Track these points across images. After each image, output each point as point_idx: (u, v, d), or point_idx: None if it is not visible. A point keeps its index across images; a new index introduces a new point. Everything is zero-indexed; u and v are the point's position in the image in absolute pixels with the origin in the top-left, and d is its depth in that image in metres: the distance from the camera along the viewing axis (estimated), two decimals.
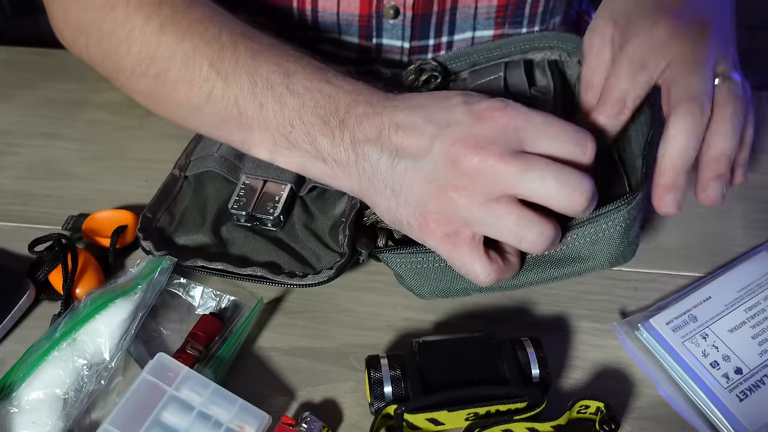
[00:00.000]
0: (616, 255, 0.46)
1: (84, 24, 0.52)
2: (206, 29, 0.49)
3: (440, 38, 0.65)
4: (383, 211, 0.45)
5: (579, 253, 0.46)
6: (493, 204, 0.41)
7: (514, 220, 0.41)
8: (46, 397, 0.43)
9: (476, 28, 0.65)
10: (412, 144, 0.43)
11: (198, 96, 0.48)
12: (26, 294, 0.49)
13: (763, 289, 0.49)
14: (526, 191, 0.41)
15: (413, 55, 0.66)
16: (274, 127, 0.47)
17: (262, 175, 0.54)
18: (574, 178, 0.41)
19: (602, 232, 0.45)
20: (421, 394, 0.42)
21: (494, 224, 0.41)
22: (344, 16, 0.63)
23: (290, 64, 0.47)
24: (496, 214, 0.41)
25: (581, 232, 0.45)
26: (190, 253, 0.51)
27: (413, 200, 0.43)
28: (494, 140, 0.41)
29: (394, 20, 0.63)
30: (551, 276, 0.47)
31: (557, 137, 0.42)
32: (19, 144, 0.63)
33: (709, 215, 0.49)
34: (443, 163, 0.41)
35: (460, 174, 0.41)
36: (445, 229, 0.43)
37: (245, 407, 0.43)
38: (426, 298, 0.49)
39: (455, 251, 0.43)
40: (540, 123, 0.42)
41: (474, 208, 0.41)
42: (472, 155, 0.41)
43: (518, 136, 0.41)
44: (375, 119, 0.44)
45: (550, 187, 0.40)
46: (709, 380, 0.45)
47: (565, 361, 0.48)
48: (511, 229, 0.41)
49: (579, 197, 0.41)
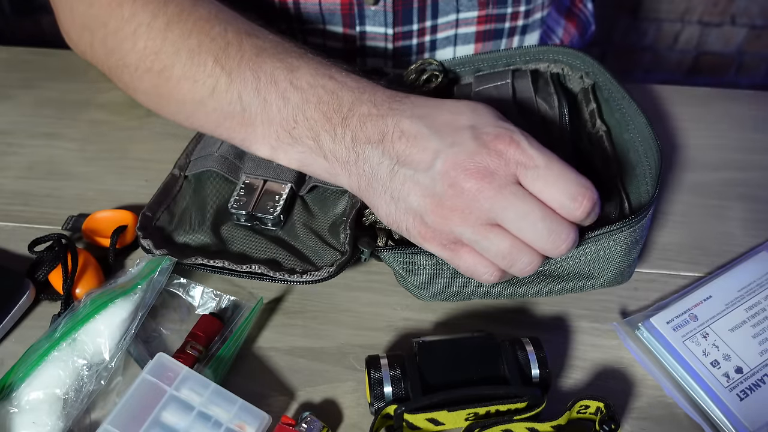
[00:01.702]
0: (615, 275, 0.47)
1: (89, 20, 0.52)
2: (212, 27, 0.49)
3: (424, 23, 0.65)
4: (382, 215, 0.46)
5: (579, 270, 0.47)
6: (487, 231, 0.42)
7: (506, 247, 0.42)
8: (46, 397, 0.43)
9: (460, 10, 0.65)
10: (414, 154, 0.43)
11: (201, 91, 0.48)
12: (26, 294, 0.49)
13: (763, 288, 0.49)
14: (516, 230, 0.42)
15: (398, 41, 0.66)
16: (277, 122, 0.47)
17: (262, 174, 0.54)
18: (563, 230, 0.42)
19: (603, 251, 0.46)
20: (421, 394, 0.42)
21: (487, 247, 0.43)
22: (326, 5, 0.63)
23: (294, 60, 0.47)
24: (489, 240, 0.42)
25: (582, 249, 0.46)
26: (190, 252, 0.51)
27: (412, 210, 0.44)
28: (494, 172, 0.42)
29: (376, 6, 0.63)
30: (551, 290, 0.48)
31: (554, 184, 0.42)
32: (20, 144, 0.63)
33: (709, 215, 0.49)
34: (442, 182, 0.42)
35: (456, 196, 0.42)
36: (442, 240, 0.44)
37: (245, 407, 0.43)
38: (426, 300, 0.49)
39: (456, 258, 0.44)
40: (541, 166, 0.42)
41: (468, 229, 0.42)
42: (470, 182, 0.41)
43: (518, 171, 0.42)
44: (379, 121, 0.44)
45: (540, 233, 0.42)
46: (710, 379, 0.45)
47: (565, 361, 0.48)
48: (504, 255, 0.42)
49: (562, 246, 0.42)
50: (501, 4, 0.65)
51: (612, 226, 0.45)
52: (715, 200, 0.58)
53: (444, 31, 0.67)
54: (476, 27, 0.67)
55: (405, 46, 0.66)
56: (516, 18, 0.67)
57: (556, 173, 0.42)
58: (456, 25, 0.66)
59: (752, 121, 0.65)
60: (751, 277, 0.50)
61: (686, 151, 0.62)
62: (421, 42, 0.67)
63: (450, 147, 0.42)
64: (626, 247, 0.46)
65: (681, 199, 0.58)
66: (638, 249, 0.48)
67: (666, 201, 0.58)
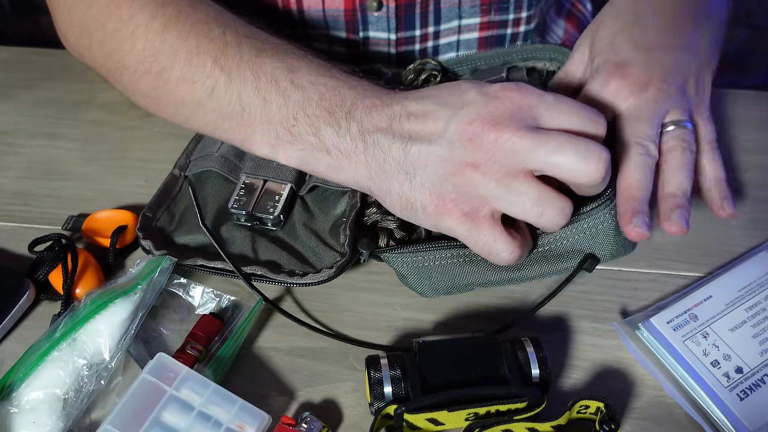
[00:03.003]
0: (616, 247, 0.47)
1: (87, 22, 0.52)
2: (210, 29, 0.49)
3: (426, 28, 0.66)
4: (395, 198, 0.45)
5: (579, 246, 0.47)
6: (512, 180, 0.41)
7: (534, 195, 0.41)
8: (46, 397, 0.43)
9: (462, 17, 0.65)
10: (426, 128, 0.43)
11: (200, 92, 0.48)
12: (26, 294, 0.49)
13: (763, 288, 0.49)
14: (545, 164, 0.41)
15: (401, 46, 0.66)
16: (277, 120, 0.47)
17: (262, 174, 0.54)
18: (592, 147, 0.41)
19: (601, 224, 0.46)
20: (421, 394, 0.42)
21: (514, 201, 0.42)
22: (330, 12, 0.63)
23: (294, 61, 0.47)
24: (515, 190, 0.41)
25: (580, 225, 0.46)
26: (190, 253, 0.51)
27: (428, 182, 0.43)
28: (510, 117, 0.41)
29: (379, 12, 0.63)
30: (552, 270, 0.48)
31: (571, 112, 0.42)
32: (20, 144, 0.63)
33: (709, 215, 0.49)
34: (460, 142, 0.42)
35: (477, 150, 0.41)
36: (463, 207, 0.43)
37: (245, 407, 0.43)
38: (429, 296, 0.49)
39: (475, 230, 0.43)
40: (552, 101, 0.43)
41: (492, 184, 0.41)
42: (490, 131, 0.41)
43: (533, 113, 0.42)
44: (385, 110, 0.45)
45: (569, 157, 0.41)
46: (710, 379, 0.45)
47: (565, 361, 0.48)
48: (533, 204, 0.41)
49: (597, 165, 0.41)
50: (503, 11, 0.66)
51: (606, 196, 0.45)
52: None
53: (447, 37, 0.67)
54: (479, 33, 0.67)
55: (408, 51, 0.67)
56: (518, 24, 0.68)
57: (568, 103, 0.43)
58: (458, 31, 0.67)
59: (753, 122, 0.65)
60: (751, 277, 0.50)
61: None
62: (423, 48, 0.67)
63: (461, 109, 0.43)
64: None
65: None
66: None
67: None
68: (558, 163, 0.41)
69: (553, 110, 0.42)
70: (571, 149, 0.41)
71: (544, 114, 0.42)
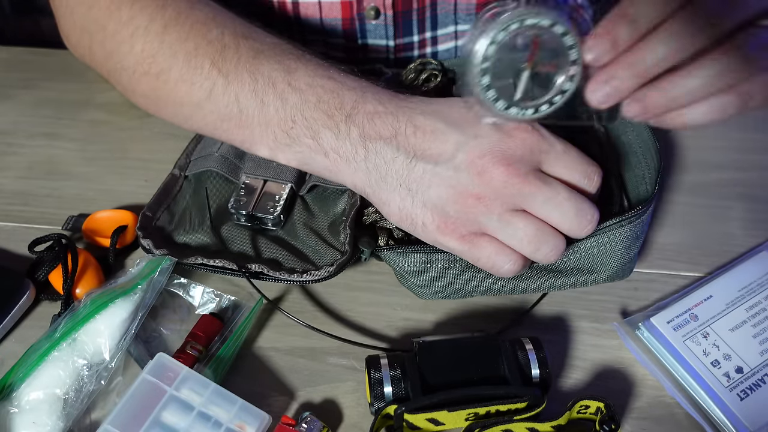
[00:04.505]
0: (616, 270, 0.47)
1: (88, 23, 0.53)
2: (209, 30, 0.49)
3: (424, 34, 0.66)
4: (393, 209, 0.45)
5: (581, 265, 0.47)
6: (511, 217, 0.43)
7: (531, 233, 0.43)
8: (46, 397, 0.43)
9: (458, 23, 0.65)
10: (433, 148, 0.43)
11: (199, 94, 0.48)
12: (26, 294, 0.49)
13: (763, 288, 0.49)
14: (543, 212, 0.43)
15: (399, 52, 0.66)
16: (275, 123, 0.47)
17: (262, 174, 0.54)
18: (587, 208, 0.44)
19: (604, 245, 0.46)
20: (421, 394, 0.42)
21: (512, 234, 0.44)
22: (327, 20, 0.63)
23: (292, 62, 0.47)
24: (514, 226, 0.43)
25: (584, 244, 0.46)
26: (190, 252, 0.51)
27: (430, 202, 0.44)
28: (520, 159, 0.43)
29: (376, 21, 0.63)
30: (552, 285, 0.48)
31: (573, 167, 0.44)
32: (20, 144, 0.63)
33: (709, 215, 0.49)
34: (467, 171, 0.43)
35: (485, 185, 0.43)
36: (463, 230, 0.44)
37: (245, 407, 0.43)
38: (427, 298, 0.49)
39: (476, 249, 0.44)
40: (560, 151, 0.44)
41: (494, 217, 0.43)
42: (500, 170, 0.42)
43: (540, 157, 0.44)
44: (389, 118, 0.45)
45: (567, 213, 0.43)
46: (710, 379, 0.45)
47: (565, 361, 0.48)
48: (529, 241, 0.43)
49: (587, 225, 0.44)
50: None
51: (613, 220, 0.46)
52: (715, 200, 0.58)
53: (445, 43, 0.67)
54: None
55: (407, 57, 0.67)
56: None
57: (573, 156, 0.44)
58: (455, 37, 0.67)
59: (752, 121, 0.65)
60: (751, 276, 0.50)
61: (686, 152, 0.62)
62: (422, 53, 0.67)
63: (473, 138, 0.43)
64: (627, 242, 0.46)
65: (681, 199, 0.58)
66: (638, 245, 0.48)
67: (666, 201, 0.58)
68: (555, 215, 0.43)
69: (559, 161, 0.44)
70: (571, 207, 0.43)
71: (551, 162, 0.44)
